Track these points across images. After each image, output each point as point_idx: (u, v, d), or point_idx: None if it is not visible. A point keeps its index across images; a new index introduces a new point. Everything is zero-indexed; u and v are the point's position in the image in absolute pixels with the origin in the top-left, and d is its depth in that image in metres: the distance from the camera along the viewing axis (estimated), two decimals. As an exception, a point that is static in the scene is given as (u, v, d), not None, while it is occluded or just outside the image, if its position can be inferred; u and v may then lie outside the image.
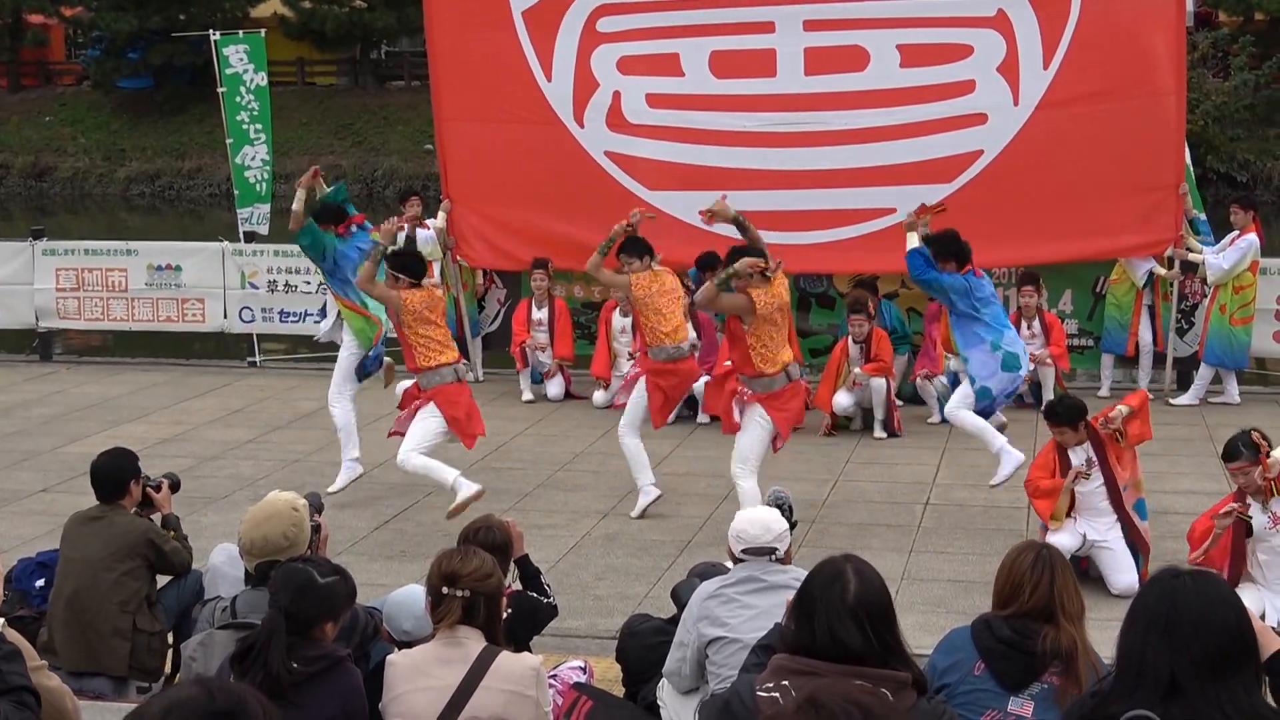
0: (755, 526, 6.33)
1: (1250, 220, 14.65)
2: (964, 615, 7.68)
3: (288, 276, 17.22)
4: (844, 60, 14.81)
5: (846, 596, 4.24)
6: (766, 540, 6.30)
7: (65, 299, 17.82)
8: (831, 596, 4.26)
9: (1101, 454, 9.73)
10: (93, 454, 7.69)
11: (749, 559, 6.29)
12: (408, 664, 5.53)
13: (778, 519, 6.46)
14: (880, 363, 13.91)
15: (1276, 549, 8.70)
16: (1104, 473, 9.72)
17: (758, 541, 6.28)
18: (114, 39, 46.10)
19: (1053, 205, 14.37)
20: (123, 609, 7.54)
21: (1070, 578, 5.22)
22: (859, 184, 14.78)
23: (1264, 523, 8.67)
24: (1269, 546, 8.71)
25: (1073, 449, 9.78)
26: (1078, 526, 9.77)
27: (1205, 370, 14.86)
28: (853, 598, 4.25)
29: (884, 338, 14.14)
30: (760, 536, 6.29)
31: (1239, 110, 35.38)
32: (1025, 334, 13.75)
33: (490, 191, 15.77)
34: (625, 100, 15.34)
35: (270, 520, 6.34)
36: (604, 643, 8.47)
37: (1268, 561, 8.73)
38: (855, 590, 4.27)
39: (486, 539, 6.67)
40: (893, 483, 12.32)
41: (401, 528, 11.25)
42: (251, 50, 17.31)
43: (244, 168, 17.38)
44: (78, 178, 45.42)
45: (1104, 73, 14.31)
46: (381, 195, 41.03)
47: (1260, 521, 8.67)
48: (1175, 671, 3.85)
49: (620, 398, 14.13)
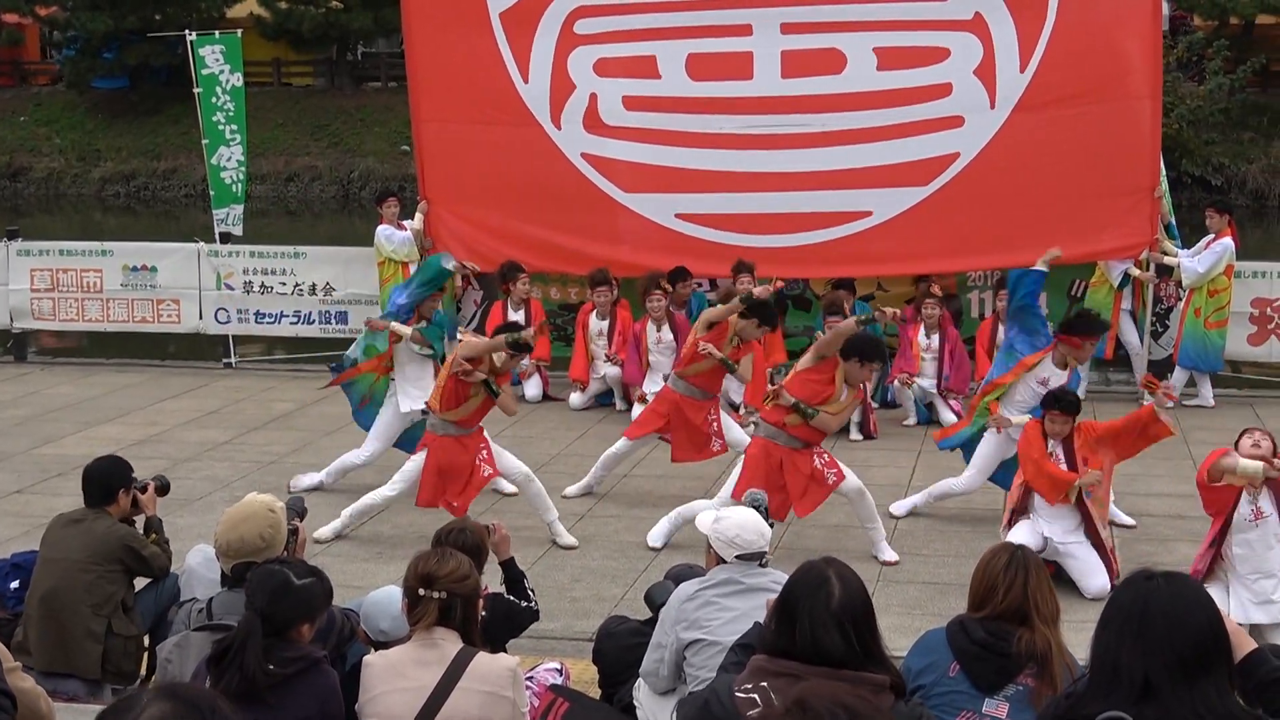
0: (750, 533, 6.29)
1: (1226, 224, 14.74)
2: (940, 617, 7.70)
3: (263, 277, 17.18)
4: (821, 63, 14.84)
5: (831, 603, 4.25)
6: (760, 545, 6.31)
7: (40, 299, 17.75)
8: (816, 603, 4.27)
9: (1070, 455, 9.78)
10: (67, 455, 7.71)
11: (738, 563, 6.30)
12: (384, 665, 5.53)
13: (762, 522, 6.47)
14: None
15: (1251, 543, 8.67)
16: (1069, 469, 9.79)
17: (753, 548, 6.27)
18: (89, 39, 45.88)
19: (1029, 208, 14.40)
20: (96, 612, 7.52)
21: (1044, 580, 5.23)
22: (836, 186, 14.81)
23: (1247, 514, 8.63)
24: (1244, 539, 8.67)
25: (1054, 440, 9.83)
26: (1037, 526, 9.80)
27: (1180, 373, 14.93)
28: (837, 604, 4.26)
29: None
30: (755, 543, 6.29)
31: (1214, 114, 35.48)
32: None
33: (467, 193, 15.76)
34: (602, 102, 15.34)
35: (247, 521, 6.32)
36: (580, 644, 8.48)
37: (1240, 555, 8.70)
38: (839, 597, 4.28)
39: (460, 540, 6.66)
40: (869, 485, 12.28)
41: (378, 529, 11.23)
42: (227, 51, 17.26)
43: (220, 168, 17.33)
44: (52, 178, 45.21)
45: (1080, 76, 14.36)
46: (358, 196, 40.92)
47: (1243, 512, 8.63)
48: (1149, 673, 3.87)
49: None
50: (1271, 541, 8.68)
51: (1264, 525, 8.64)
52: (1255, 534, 8.66)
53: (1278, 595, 8.73)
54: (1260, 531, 8.65)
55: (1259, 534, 8.66)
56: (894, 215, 14.86)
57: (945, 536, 10.98)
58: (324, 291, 16.94)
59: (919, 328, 14.60)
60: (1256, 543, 8.67)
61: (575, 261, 15.56)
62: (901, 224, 14.79)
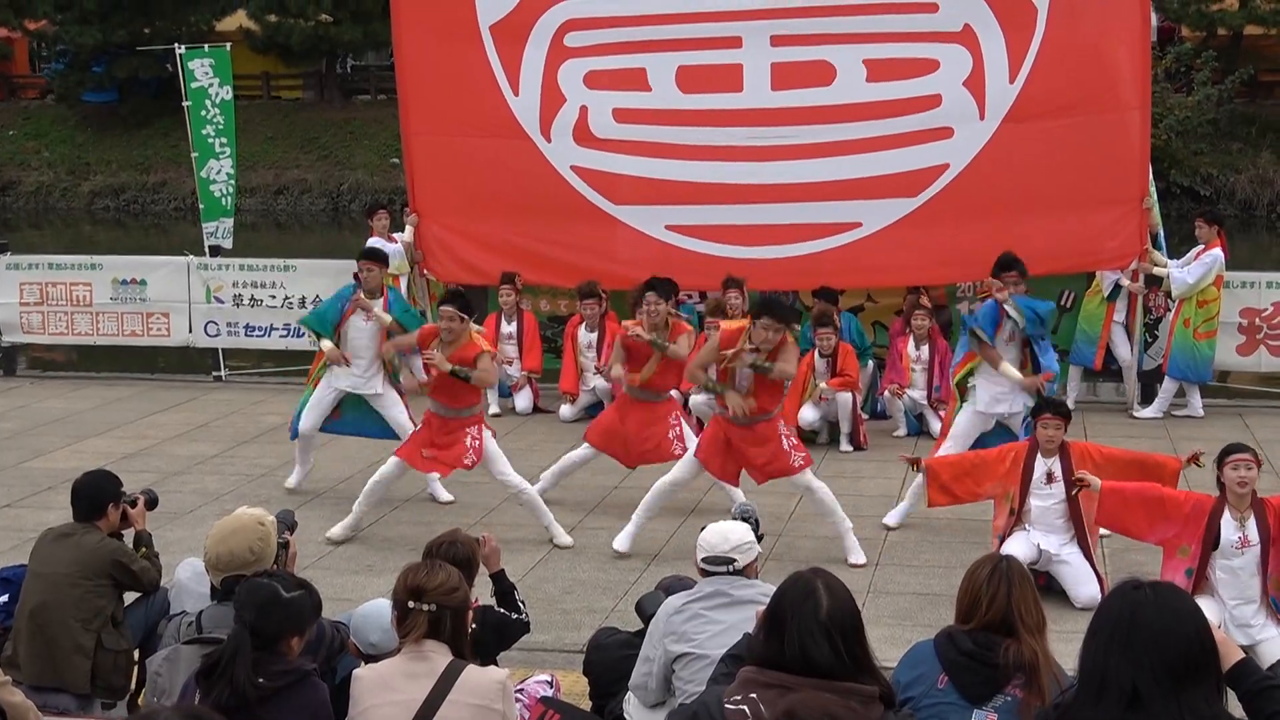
0: (715, 536, 6.37)
1: (1215, 235, 14.77)
2: (930, 628, 7.70)
3: (253, 290, 17.18)
4: (810, 75, 14.86)
5: (819, 613, 4.25)
6: (724, 550, 6.32)
7: (29, 313, 17.73)
8: (804, 613, 4.27)
9: (1067, 471, 9.79)
10: (57, 469, 7.68)
11: (710, 568, 6.32)
12: (374, 678, 5.52)
13: (742, 531, 6.48)
14: (846, 377, 13.95)
15: (1235, 570, 8.64)
16: (1066, 490, 9.79)
17: (715, 550, 6.32)
18: (79, 52, 45.89)
19: (1018, 219, 14.41)
20: (85, 626, 7.50)
21: (1029, 590, 5.22)
22: (826, 198, 14.83)
23: (1233, 540, 8.60)
24: (1228, 566, 8.65)
25: (1046, 457, 9.85)
26: (1032, 538, 9.82)
27: (1169, 383, 14.96)
28: (825, 615, 4.25)
29: (850, 352, 14.16)
30: (718, 545, 6.32)
31: (1202, 125, 35.60)
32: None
33: (458, 206, 15.76)
34: (592, 115, 15.35)
35: (236, 534, 6.31)
36: (571, 656, 8.48)
37: (1224, 580, 8.67)
38: (828, 607, 4.27)
39: (450, 553, 6.65)
40: (859, 496, 12.34)
41: (367, 541, 11.22)
42: (217, 64, 17.27)
43: (209, 182, 17.33)
44: (41, 192, 45.21)
45: (1069, 88, 14.40)
46: (348, 209, 40.96)
47: (1229, 538, 8.60)
48: (1137, 683, 3.87)
49: None
50: (1254, 569, 8.63)
51: (1249, 553, 8.61)
52: (1240, 561, 8.63)
53: (1257, 620, 8.67)
54: (1245, 559, 8.63)
55: (1244, 561, 8.63)
56: (884, 226, 14.89)
57: (936, 547, 10.98)
58: (314, 305, 16.91)
59: (909, 339, 14.62)
60: (1241, 570, 8.64)
61: (565, 274, 15.56)
62: (891, 235, 14.81)
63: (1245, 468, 8.55)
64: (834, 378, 13.95)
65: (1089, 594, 9.54)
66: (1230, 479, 8.57)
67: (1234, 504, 8.63)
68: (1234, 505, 8.64)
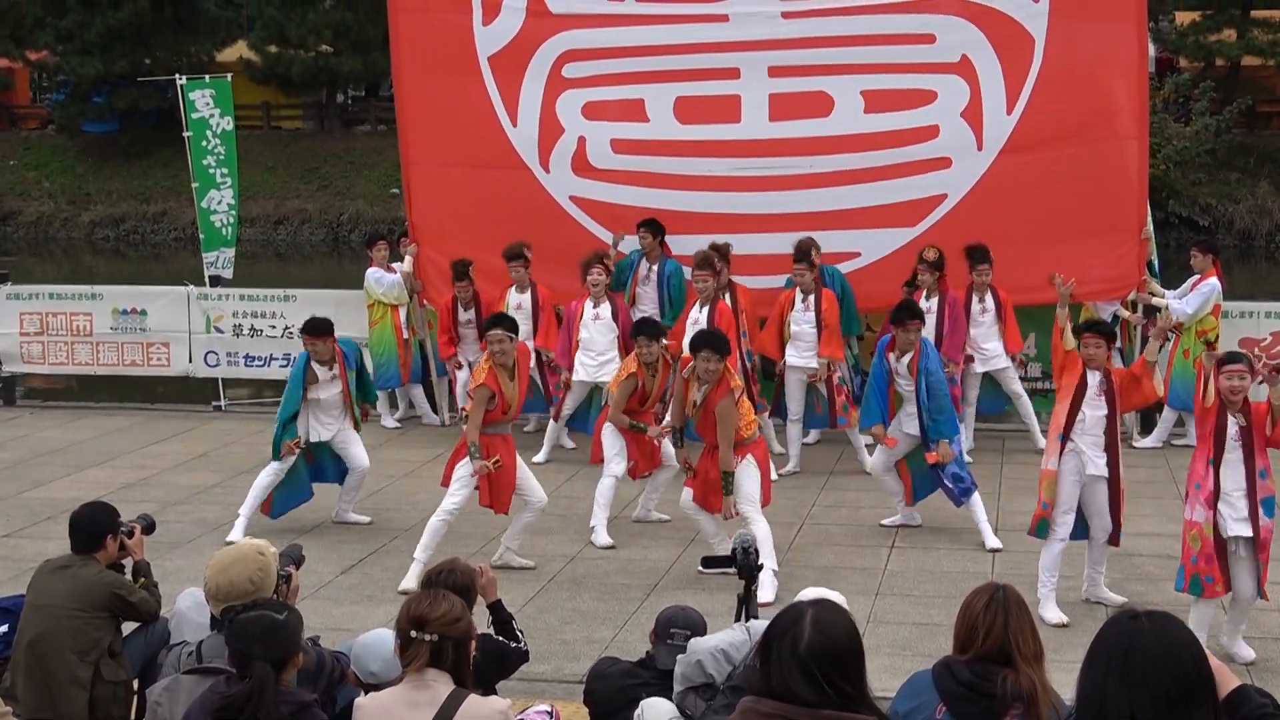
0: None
1: (1211, 264, 14.78)
2: (930, 658, 7.67)
3: (253, 320, 17.20)
4: (808, 106, 14.93)
5: (798, 646, 4.21)
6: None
7: (30, 343, 17.75)
8: (784, 644, 4.25)
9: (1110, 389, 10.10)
10: (56, 499, 7.68)
11: None
12: (375, 707, 5.52)
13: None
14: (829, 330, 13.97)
15: (1233, 462, 9.19)
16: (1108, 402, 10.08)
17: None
18: (79, 83, 46.03)
19: (1016, 249, 14.44)
20: (83, 658, 7.48)
21: (1026, 619, 5.22)
22: (824, 228, 14.83)
23: (1234, 434, 9.18)
24: (1229, 459, 9.20)
25: (1092, 371, 10.12)
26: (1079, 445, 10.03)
27: (1169, 413, 14.98)
28: (804, 648, 4.21)
29: (834, 302, 14.08)
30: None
31: (1200, 154, 35.70)
32: (976, 307, 14.28)
33: (456, 236, 15.78)
34: (590, 145, 15.41)
35: (236, 565, 6.31)
36: (570, 687, 8.47)
37: (1226, 474, 9.21)
38: (807, 640, 4.23)
39: (450, 580, 6.65)
40: (858, 525, 12.35)
41: (368, 571, 11.22)
42: (217, 95, 17.33)
43: (210, 212, 17.37)
44: (42, 221, 45.29)
45: (1067, 118, 14.47)
46: (347, 239, 41.04)
47: (1231, 432, 9.17)
48: (1135, 712, 3.88)
49: None
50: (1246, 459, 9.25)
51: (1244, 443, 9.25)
52: (1238, 454, 9.19)
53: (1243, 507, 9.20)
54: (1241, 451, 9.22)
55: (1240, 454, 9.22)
56: (882, 256, 14.94)
57: (935, 578, 10.99)
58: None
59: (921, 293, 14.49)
60: (1238, 461, 9.21)
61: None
62: (890, 265, 14.85)
63: (1239, 378, 9.16)
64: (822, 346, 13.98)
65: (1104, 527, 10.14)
66: (1225, 387, 9.15)
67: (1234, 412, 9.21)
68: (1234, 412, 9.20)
